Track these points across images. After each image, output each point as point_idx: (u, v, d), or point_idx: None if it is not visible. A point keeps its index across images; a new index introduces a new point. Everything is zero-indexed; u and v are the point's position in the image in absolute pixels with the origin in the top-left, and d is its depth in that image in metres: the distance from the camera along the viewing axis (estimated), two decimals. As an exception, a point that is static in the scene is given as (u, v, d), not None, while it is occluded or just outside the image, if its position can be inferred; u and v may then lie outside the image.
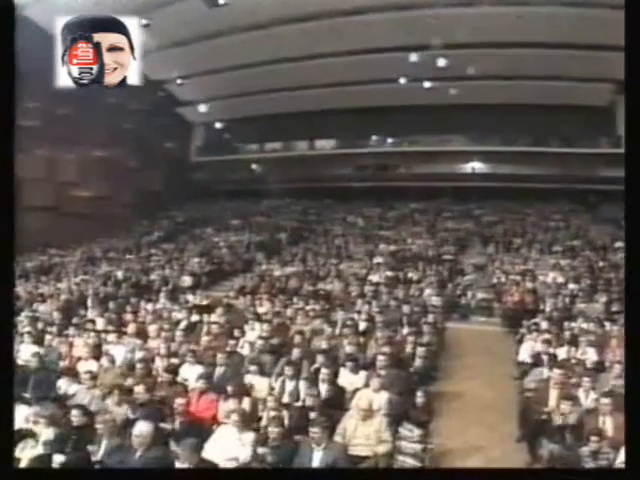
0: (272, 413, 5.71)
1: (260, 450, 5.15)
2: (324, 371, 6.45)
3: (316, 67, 22.74)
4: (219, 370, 7.03)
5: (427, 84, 22.67)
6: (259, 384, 6.64)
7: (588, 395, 6.21)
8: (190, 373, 7.06)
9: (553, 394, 6.14)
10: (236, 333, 8.59)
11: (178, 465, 4.54)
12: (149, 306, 11.09)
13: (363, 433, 5.32)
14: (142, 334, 8.60)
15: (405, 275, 15.68)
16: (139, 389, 6.16)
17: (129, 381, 6.66)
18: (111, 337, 8.47)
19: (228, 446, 5.17)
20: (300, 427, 5.38)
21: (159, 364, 7.43)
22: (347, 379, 6.82)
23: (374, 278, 15.32)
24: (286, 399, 6.42)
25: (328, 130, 26.93)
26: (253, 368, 6.80)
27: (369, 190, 25.75)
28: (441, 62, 20.66)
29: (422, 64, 20.78)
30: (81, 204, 21.42)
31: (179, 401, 5.69)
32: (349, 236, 21.04)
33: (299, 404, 6.14)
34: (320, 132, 27.26)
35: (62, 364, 7.60)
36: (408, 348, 8.08)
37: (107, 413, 5.54)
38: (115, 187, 22.60)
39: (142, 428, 4.84)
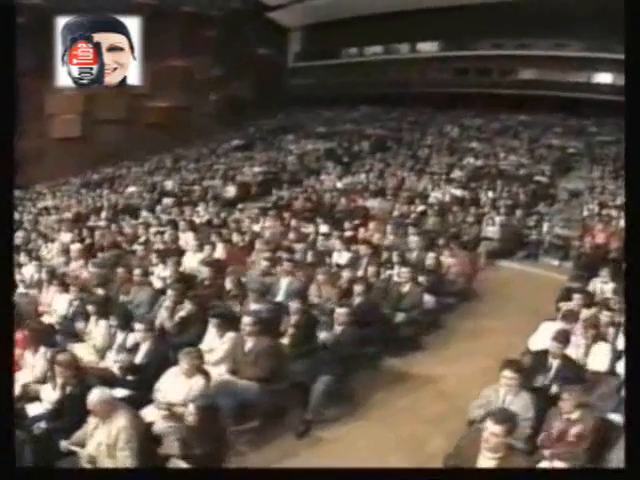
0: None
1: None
2: (138, 326, 4.32)
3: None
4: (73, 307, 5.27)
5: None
6: (94, 334, 4.77)
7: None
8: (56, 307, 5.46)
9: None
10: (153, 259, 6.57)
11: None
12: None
13: (98, 439, 3.30)
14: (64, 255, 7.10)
15: (475, 195, 12.49)
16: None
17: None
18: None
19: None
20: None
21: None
22: (207, 341, 4.58)
23: (434, 197, 12.36)
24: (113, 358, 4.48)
25: (431, 31, 22.90)
26: (91, 308, 4.85)
27: (473, 98, 21.71)
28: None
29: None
30: (157, 115, 20.50)
31: None
32: (436, 147, 17.94)
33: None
34: (422, 34, 23.27)
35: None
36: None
37: None
38: (195, 97, 21.17)
39: None
